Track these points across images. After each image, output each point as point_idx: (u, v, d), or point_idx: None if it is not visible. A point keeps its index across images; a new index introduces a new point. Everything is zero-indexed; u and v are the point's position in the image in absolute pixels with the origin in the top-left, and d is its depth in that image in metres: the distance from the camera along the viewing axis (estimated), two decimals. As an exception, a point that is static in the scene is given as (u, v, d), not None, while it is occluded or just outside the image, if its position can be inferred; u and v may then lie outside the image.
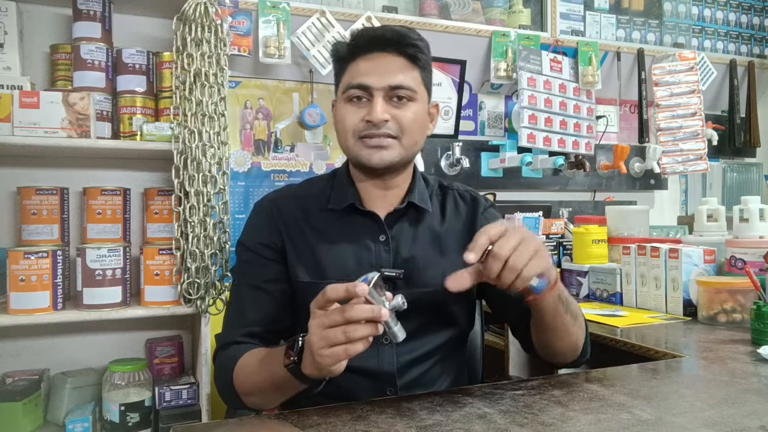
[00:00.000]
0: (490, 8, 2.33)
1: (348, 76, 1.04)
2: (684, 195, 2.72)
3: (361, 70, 1.02)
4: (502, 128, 2.37)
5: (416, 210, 1.10)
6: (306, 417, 0.80)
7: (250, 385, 0.95)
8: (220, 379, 1.02)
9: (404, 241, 1.08)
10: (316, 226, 1.08)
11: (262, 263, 1.08)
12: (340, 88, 1.06)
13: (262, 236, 1.09)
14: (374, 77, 1.01)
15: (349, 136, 1.04)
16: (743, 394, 0.87)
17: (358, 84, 1.02)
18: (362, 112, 1.02)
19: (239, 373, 0.96)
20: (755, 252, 1.48)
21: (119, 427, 1.53)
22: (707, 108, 2.53)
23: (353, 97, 1.03)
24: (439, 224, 1.12)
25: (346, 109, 1.04)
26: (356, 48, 1.04)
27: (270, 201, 1.13)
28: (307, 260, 1.06)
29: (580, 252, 1.92)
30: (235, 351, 1.00)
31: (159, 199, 1.63)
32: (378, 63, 1.02)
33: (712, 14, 2.73)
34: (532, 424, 0.75)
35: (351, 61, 1.04)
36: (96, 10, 1.62)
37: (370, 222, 1.07)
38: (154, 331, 1.80)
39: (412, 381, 1.05)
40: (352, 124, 1.03)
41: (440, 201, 1.16)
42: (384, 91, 1.01)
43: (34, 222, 1.55)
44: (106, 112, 1.63)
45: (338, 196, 1.09)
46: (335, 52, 1.07)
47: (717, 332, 1.33)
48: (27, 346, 1.69)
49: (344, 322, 0.75)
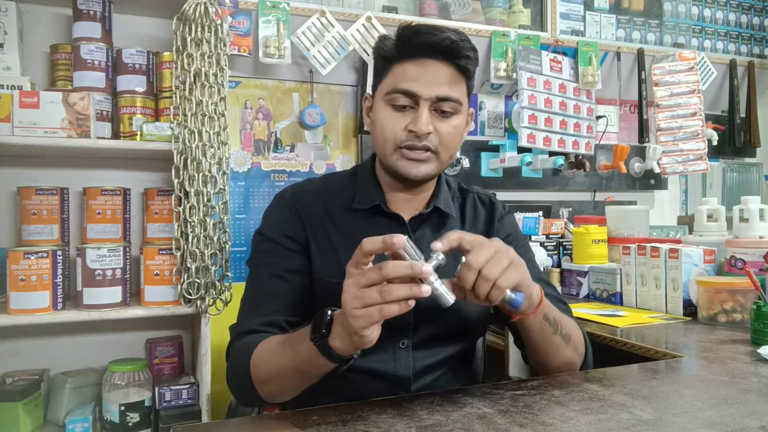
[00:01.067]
0: (490, 8, 2.33)
1: (392, 78, 0.99)
2: (684, 195, 2.71)
3: (408, 74, 0.98)
4: (502, 128, 2.37)
5: (440, 215, 1.10)
6: (306, 417, 0.80)
7: (268, 370, 0.90)
8: (234, 370, 0.96)
9: (426, 245, 1.07)
10: (338, 224, 1.06)
11: (283, 253, 1.04)
12: (381, 88, 1.02)
13: (286, 228, 1.06)
14: (422, 85, 0.97)
15: (389, 144, 1.00)
16: (743, 394, 0.87)
17: (405, 90, 0.97)
18: (405, 120, 0.99)
19: (257, 359, 0.91)
20: (755, 252, 1.48)
21: (119, 427, 1.53)
22: (707, 108, 2.53)
23: (397, 102, 0.99)
24: (459, 229, 1.11)
25: (387, 114, 1.00)
26: (405, 49, 0.98)
27: (292, 194, 1.10)
28: (329, 258, 1.04)
29: (580, 252, 1.92)
30: (253, 339, 0.95)
31: (159, 199, 1.63)
32: (427, 70, 0.97)
33: (712, 14, 2.73)
34: (532, 424, 0.75)
35: (397, 62, 0.99)
36: (96, 10, 1.62)
37: (395, 224, 1.06)
38: (154, 331, 1.80)
39: (425, 386, 1.05)
40: (393, 132, 0.99)
41: (460, 205, 1.15)
42: (431, 102, 0.98)
43: (34, 222, 1.55)
44: (106, 112, 1.63)
45: (363, 195, 1.07)
46: (380, 48, 1.01)
47: (717, 332, 1.33)
48: (27, 346, 1.69)
49: (381, 281, 0.71)
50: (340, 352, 0.78)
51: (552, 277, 2.01)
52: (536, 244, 2.06)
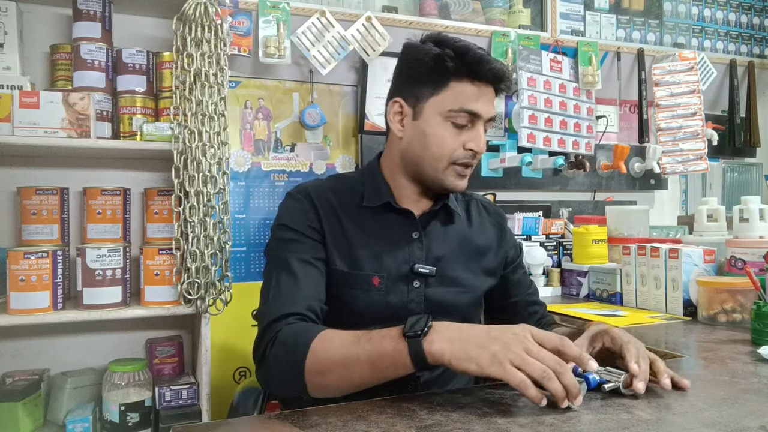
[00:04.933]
0: (490, 8, 2.33)
1: (454, 96, 1.03)
2: (684, 195, 2.71)
3: (470, 95, 1.02)
4: (502, 128, 2.37)
5: (447, 212, 1.15)
6: (306, 417, 0.80)
7: (335, 359, 0.87)
8: (285, 353, 0.92)
9: (436, 240, 1.12)
10: (351, 218, 1.09)
11: (309, 242, 1.06)
12: (438, 102, 1.04)
13: (308, 218, 1.08)
14: (483, 107, 1.04)
15: (445, 159, 1.05)
16: (743, 394, 0.87)
17: (472, 111, 1.03)
18: (462, 137, 1.04)
19: (320, 346, 0.88)
20: (755, 252, 1.48)
21: (119, 427, 1.53)
22: (707, 108, 2.53)
23: (458, 120, 1.03)
24: (467, 228, 1.18)
25: (446, 131, 1.04)
26: (468, 69, 1.02)
27: (306, 189, 1.12)
28: (343, 251, 1.07)
29: (580, 252, 1.92)
30: (309, 326, 0.94)
31: (159, 199, 1.63)
32: (483, 92, 1.04)
33: (712, 14, 2.73)
34: (532, 424, 0.75)
35: (456, 80, 1.02)
36: (96, 10, 1.62)
37: (405, 220, 1.11)
38: (154, 331, 1.80)
39: (433, 379, 1.09)
40: (451, 149, 1.04)
41: (465, 206, 1.22)
42: (485, 122, 1.06)
43: (34, 222, 1.55)
44: (106, 112, 1.63)
45: (372, 193, 1.11)
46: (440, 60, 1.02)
47: (717, 332, 1.33)
48: (27, 346, 1.69)
49: (550, 366, 0.76)
50: (430, 355, 0.80)
51: (552, 277, 2.01)
52: (536, 244, 2.06)
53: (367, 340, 0.86)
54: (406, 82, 1.08)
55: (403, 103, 1.07)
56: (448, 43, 1.04)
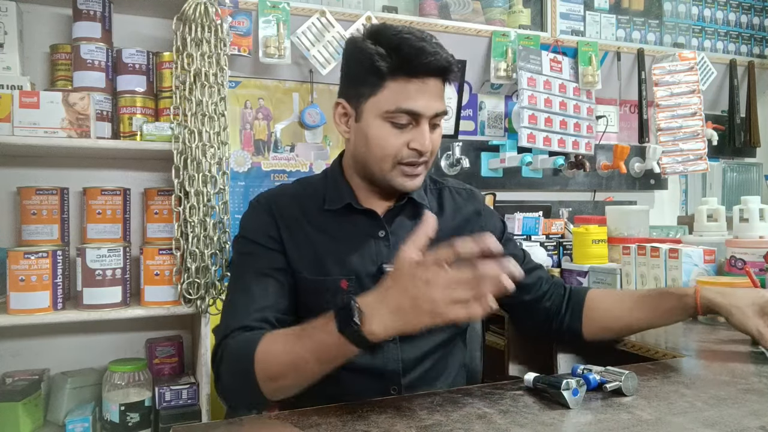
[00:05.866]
0: (490, 8, 2.33)
1: (391, 95, 0.97)
2: (684, 195, 2.72)
3: (409, 93, 0.97)
4: (502, 128, 2.37)
5: (414, 205, 1.11)
6: (306, 417, 0.80)
7: (282, 362, 0.87)
8: (232, 370, 0.93)
9: (404, 236, 1.06)
10: (315, 224, 1.08)
11: (268, 254, 1.05)
12: (375, 103, 0.99)
13: (267, 229, 1.06)
14: (423, 104, 0.97)
15: (389, 160, 1.00)
16: (743, 394, 0.87)
17: (410, 110, 0.97)
18: (405, 137, 0.99)
19: (264, 354, 0.88)
20: (755, 252, 1.48)
21: (119, 427, 1.53)
22: (707, 108, 2.53)
23: (398, 120, 0.98)
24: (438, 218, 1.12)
25: (386, 131, 0.99)
26: (408, 68, 0.97)
27: (267, 198, 1.11)
28: (309, 258, 1.05)
29: (580, 252, 1.91)
30: (251, 336, 0.92)
31: (159, 199, 1.63)
32: (425, 87, 0.98)
33: (712, 14, 2.73)
34: (532, 424, 0.75)
35: (392, 79, 0.97)
36: (96, 10, 1.62)
37: (369, 219, 1.08)
38: (154, 331, 1.80)
39: (415, 379, 1.06)
40: (394, 149, 0.99)
41: (436, 196, 1.17)
42: (429, 119, 0.99)
43: (34, 222, 1.55)
44: (106, 112, 1.63)
45: (333, 196, 1.09)
46: (372, 60, 0.97)
47: (717, 332, 1.33)
48: (27, 346, 1.69)
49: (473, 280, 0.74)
50: (374, 337, 0.78)
51: (552, 277, 2.01)
52: (536, 244, 2.06)
53: (307, 336, 0.85)
54: (347, 82, 1.05)
55: (345, 105, 1.04)
56: (383, 39, 0.98)
